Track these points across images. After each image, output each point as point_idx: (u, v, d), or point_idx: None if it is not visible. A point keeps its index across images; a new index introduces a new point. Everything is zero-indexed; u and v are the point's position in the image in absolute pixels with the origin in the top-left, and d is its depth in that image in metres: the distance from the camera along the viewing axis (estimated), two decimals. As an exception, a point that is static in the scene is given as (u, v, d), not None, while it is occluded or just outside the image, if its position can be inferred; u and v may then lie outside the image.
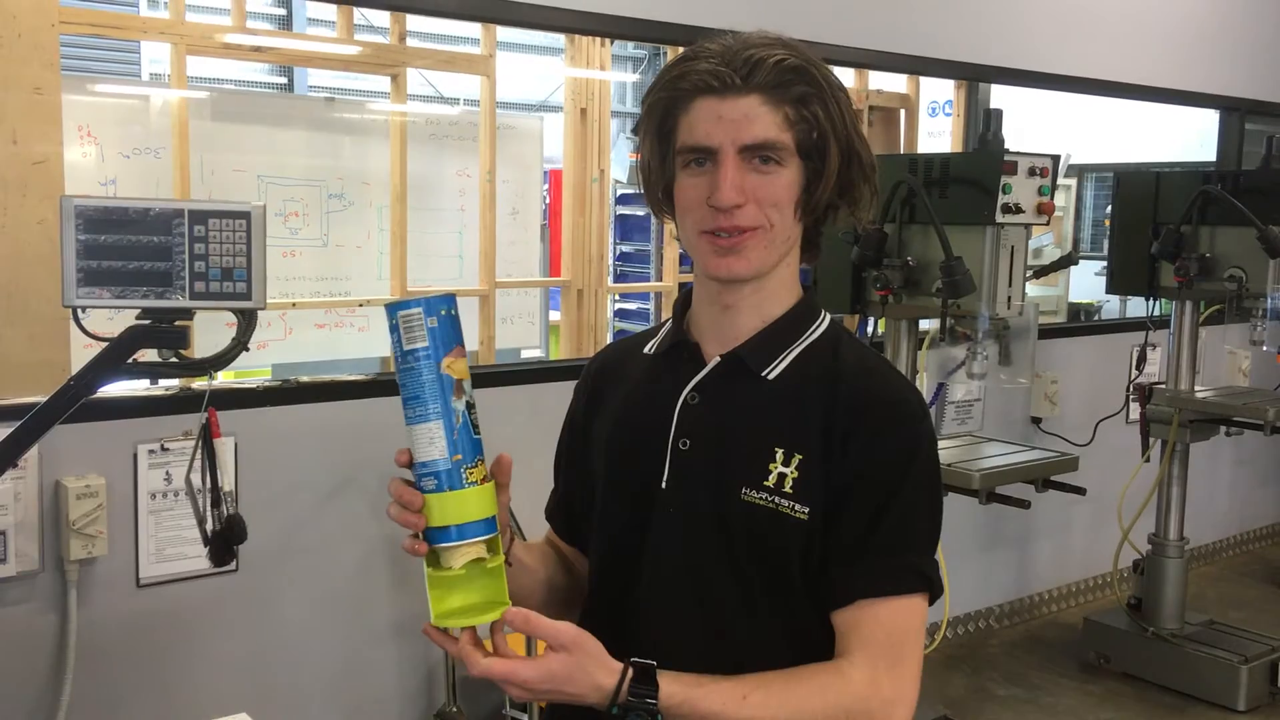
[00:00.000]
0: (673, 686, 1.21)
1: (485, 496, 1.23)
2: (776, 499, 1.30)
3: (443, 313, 1.21)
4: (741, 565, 1.32)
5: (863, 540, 1.29)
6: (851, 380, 1.34)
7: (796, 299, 1.40)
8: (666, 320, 1.49)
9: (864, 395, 1.33)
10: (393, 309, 1.22)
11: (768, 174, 1.29)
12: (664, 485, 1.35)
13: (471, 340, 4.41)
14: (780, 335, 1.37)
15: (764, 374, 1.35)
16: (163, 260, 1.54)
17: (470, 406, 1.22)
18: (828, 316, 1.42)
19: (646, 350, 1.47)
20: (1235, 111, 5.28)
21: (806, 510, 1.29)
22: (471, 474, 1.22)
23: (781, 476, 1.30)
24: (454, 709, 3.03)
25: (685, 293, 1.46)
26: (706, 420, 1.35)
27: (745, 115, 1.27)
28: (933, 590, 1.32)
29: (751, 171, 1.28)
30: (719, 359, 1.37)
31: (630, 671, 1.21)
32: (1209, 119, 5.50)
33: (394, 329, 1.22)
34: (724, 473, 1.33)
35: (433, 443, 1.21)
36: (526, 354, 5.32)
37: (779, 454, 1.31)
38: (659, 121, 1.33)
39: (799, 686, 1.26)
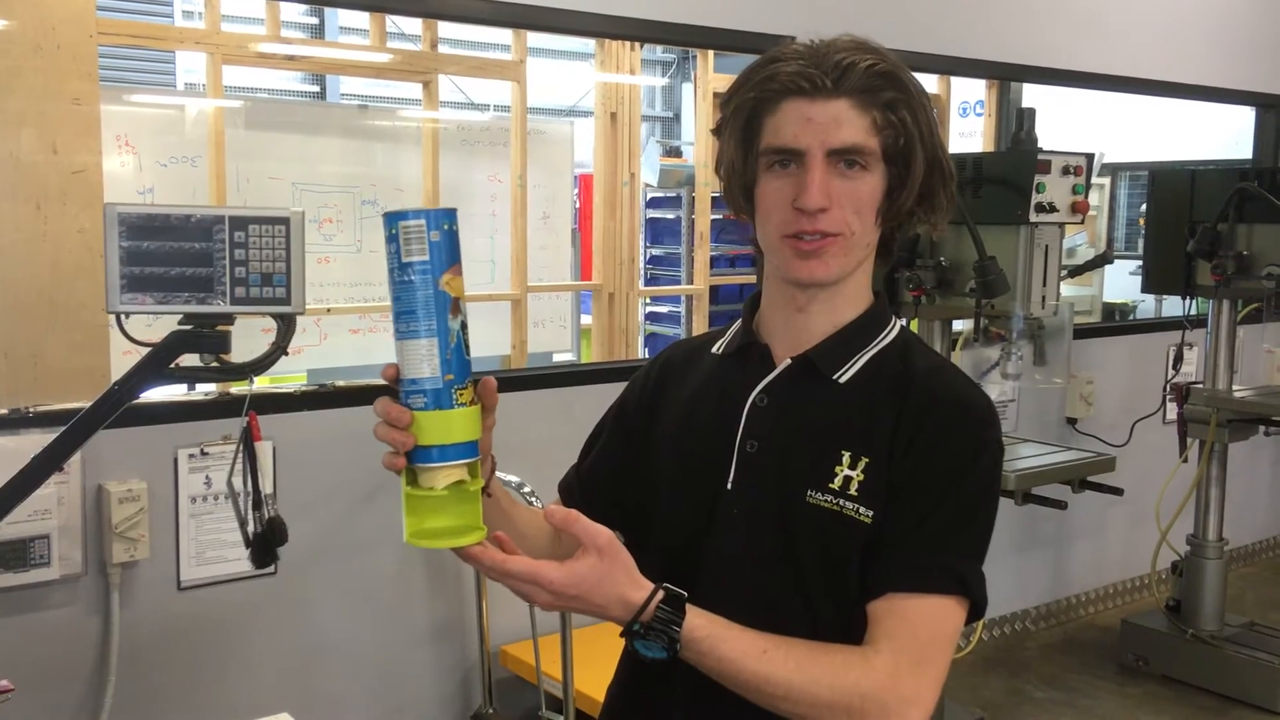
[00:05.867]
0: (699, 620, 1.20)
1: (472, 419, 1.20)
2: (841, 501, 1.29)
3: (445, 227, 1.17)
4: (803, 567, 1.32)
5: (906, 535, 1.28)
6: (921, 384, 1.33)
7: (868, 304, 1.39)
8: (733, 321, 1.48)
9: (931, 397, 1.33)
10: (392, 218, 1.17)
11: (853, 179, 1.28)
12: (729, 485, 1.35)
13: (504, 345, 4.42)
14: (852, 340, 1.37)
15: (835, 377, 1.35)
16: (204, 266, 1.55)
17: (464, 326, 1.20)
18: (898, 323, 1.41)
19: (715, 350, 1.46)
20: (1271, 108, 5.22)
21: (871, 514, 1.29)
22: (461, 395, 1.19)
23: (847, 479, 1.30)
24: (490, 710, 3.05)
25: (754, 294, 1.45)
26: (775, 422, 1.35)
27: (834, 119, 1.27)
28: (969, 596, 1.29)
29: (837, 176, 1.28)
30: (789, 361, 1.36)
31: (660, 594, 1.19)
32: (1244, 116, 5.45)
33: (392, 239, 1.17)
34: (789, 474, 1.32)
35: (425, 360, 1.18)
36: (558, 358, 5.33)
37: (845, 457, 1.30)
38: (744, 122, 1.32)
39: (821, 658, 1.24)
